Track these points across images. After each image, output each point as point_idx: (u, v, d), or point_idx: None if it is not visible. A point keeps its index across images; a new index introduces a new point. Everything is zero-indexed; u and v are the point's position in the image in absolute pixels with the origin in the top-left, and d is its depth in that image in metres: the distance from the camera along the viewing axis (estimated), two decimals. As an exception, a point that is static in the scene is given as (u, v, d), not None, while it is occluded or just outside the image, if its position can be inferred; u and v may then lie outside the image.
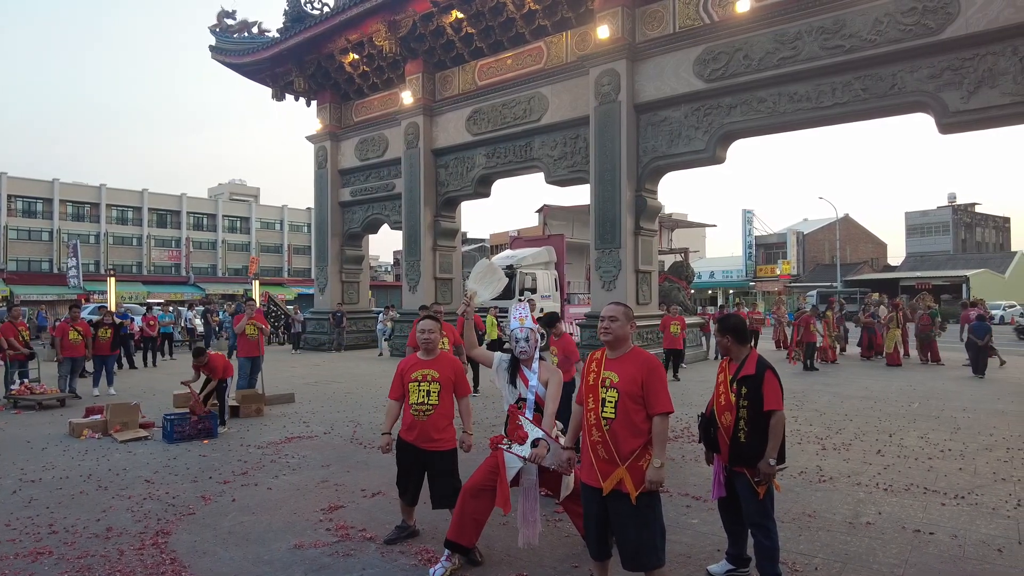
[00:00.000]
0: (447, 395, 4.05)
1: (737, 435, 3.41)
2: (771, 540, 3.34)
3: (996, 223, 62.63)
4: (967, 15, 9.60)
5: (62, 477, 5.83)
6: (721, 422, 3.49)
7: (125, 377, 13.48)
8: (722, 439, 3.49)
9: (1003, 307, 36.16)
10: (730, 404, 3.46)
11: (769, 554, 3.32)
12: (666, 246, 25.52)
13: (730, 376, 3.52)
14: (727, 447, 3.47)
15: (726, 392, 3.50)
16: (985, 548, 4.02)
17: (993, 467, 5.86)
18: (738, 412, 3.42)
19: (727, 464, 3.52)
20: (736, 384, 3.46)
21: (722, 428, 3.48)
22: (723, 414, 3.49)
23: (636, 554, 3.06)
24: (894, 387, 10.98)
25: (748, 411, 3.40)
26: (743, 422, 3.40)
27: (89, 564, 3.86)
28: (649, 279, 13.77)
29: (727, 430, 3.46)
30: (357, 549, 4.07)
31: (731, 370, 3.55)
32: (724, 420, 3.48)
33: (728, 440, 3.46)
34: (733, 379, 3.49)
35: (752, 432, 3.38)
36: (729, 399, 3.47)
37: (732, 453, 3.44)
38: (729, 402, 3.47)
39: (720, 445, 3.51)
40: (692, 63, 12.25)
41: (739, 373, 3.48)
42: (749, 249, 50.95)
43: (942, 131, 10.32)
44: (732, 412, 3.45)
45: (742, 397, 3.42)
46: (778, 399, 3.40)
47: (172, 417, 7.42)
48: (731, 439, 3.44)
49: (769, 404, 3.39)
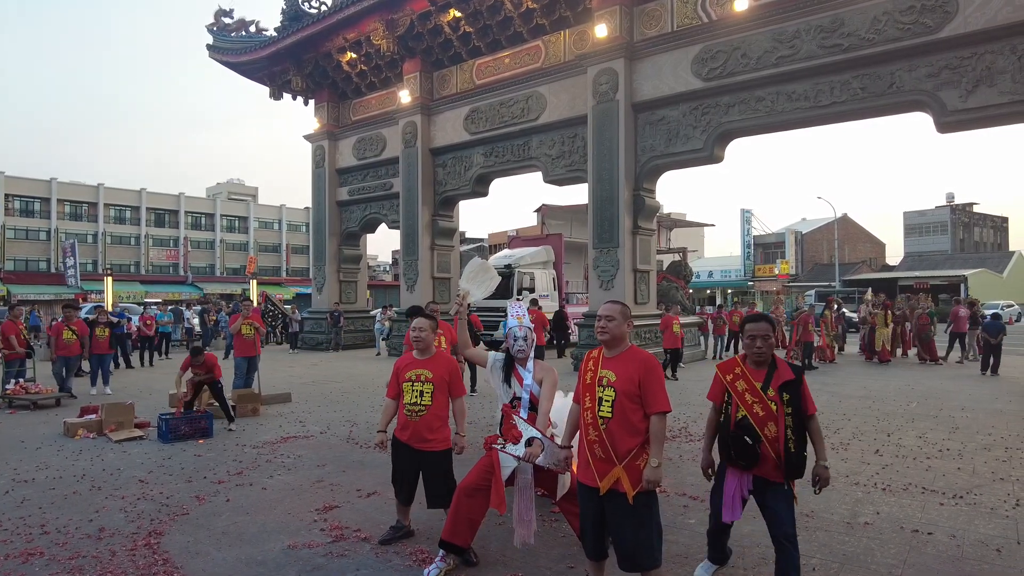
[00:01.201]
0: (441, 395, 4.01)
1: (788, 446, 3.12)
2: (798, 549, 3.17)
3: (994, 223, 62.75)
4: (965, 14, 9.58)
5: (55, 477, 5.79)
6: (765, 435, 3.13)
7: (121, 376, 13.43)
8: (767, 452, 3.13)
9: (1001, 307, 36.16)
10: (771, 413, 3.14)
11: (797, 563, 3.13)
12: (664, 246, 25.52)
13: (759, 383, 3.19)
14: (775, 461, 3.13)
15: (761, 400, 3.16)
16: (984, 548, 3.99)
17: (992, 467, 5.84)
18: (786, 422, 3.14)
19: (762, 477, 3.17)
20: (776, 391, 3.16)
21: (767, 441, 3.13)
22: (766, 425, 3.14)
23: (633, 554, 3.04)
24: (892, 387, 10.97)
25: (794, 419, 3.14)
26: (790, 431, 3.13)
27: (80, 565, 3.83)
28: (647, 278, 13.75)
29: (774, 442, 3.12)
30: (351, 550, 4.04)
31: (757, 376, 3.21)
32: (768, 432, 3.13)
33: (780, 453, 3.12)
34: (766, 385, 3.18)
35: (798, 440, 3.15)
36: (768, 408, 3.15)
37: (787, 467, 3.12)
38: (770, 411, 3.14)
39: (765, 460, 3.14)
40: (690, 62, 12.22)
41: (774, 379, 3.19)
42: (747, 249, 50.98)
43: (940, 130, 10.30)
44: (777, 422, 3.14)
45: (786, 404, 3.15)
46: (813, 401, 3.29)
47: (167, 417, 7.39)
48: (784, 452, 3.12)
49: (812, 408, 3.22)
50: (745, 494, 3.24)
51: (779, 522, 3.14)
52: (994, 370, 12.42)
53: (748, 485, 3.22)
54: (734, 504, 3.26)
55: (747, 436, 3.15)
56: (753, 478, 3.20)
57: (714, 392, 3.42)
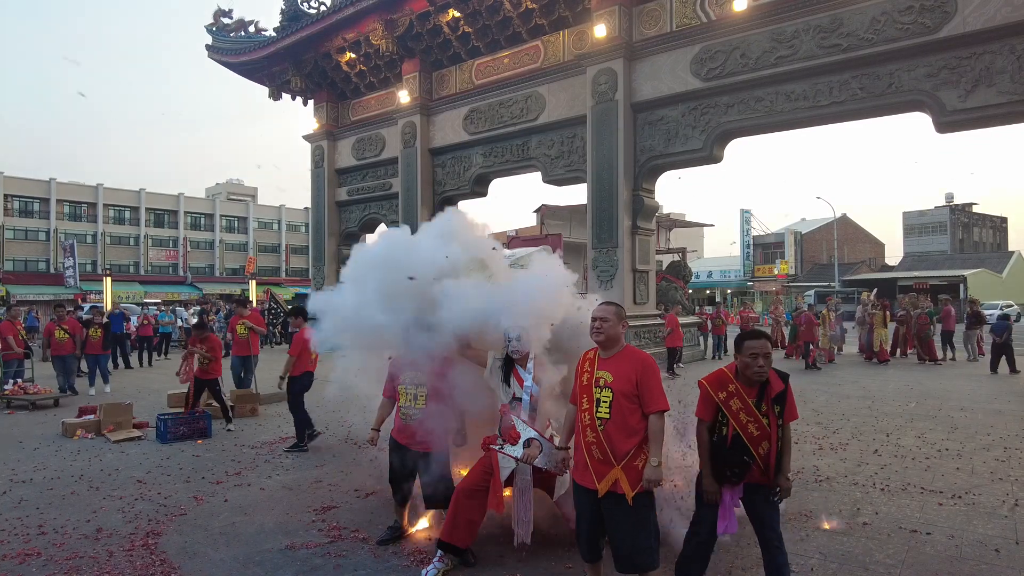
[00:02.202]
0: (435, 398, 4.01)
1: (773, 458, 3.08)
2: (785, 548, 3.14)
3: (993, 223, 62.75)
4: (964, 14, 9.58)
5: (53, 477, 5.79)
6: (758, 452, 3.03)
7: (120, 377, 13.42)
8: (759, 469, 3.06)
9: (1000, 307, 36.17)
10: (764, 431, 3.04)
11: (786, 561, 3.11)
12: (664, 246, 25.51)
13: (753, 400, 3.06)
14: (761, 468, 3.06)
15: (756, 420, 3.05)
16: (982, 548, 3.99)
17: (991, 467, 5.84)
18: (777, 434, 3.06)
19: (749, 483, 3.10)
20: (768, 404, 3.07)
21: (759, 459, 3.04)
22: (760, 444, 3.04)
23: (631, 556, 3.03)
24: (892, 387, 10.97)
25: (780, 430, 3.07)
26: (779, 443, 3.07)
27: (78, 566, 3.82)
28: (646, 278, 13.73)
29: (765, 458, 3.05)
30: (349, 550, 4.03)
31: (750, 393, 3.07)
32: (761, 450, 3.04)
33: (771, 467, 3.06)
34: (759, 402, 3.06)
35: (780, 449, 3.09)
36: (762, 426, 3.04)
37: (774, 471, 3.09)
38: (763, 429, 3.04)
39: (755, 475, 3.07)
40: (689, 62, 12.21)
41: (767, 392, 3.07)
42: (747, 249, 50.97)
43: (939, 130, 10.30)
44: (770, 439, 3.05)
45: (777, 416, 3.06)
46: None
47: (166, 417, 7.38)
48: (775, 466, 3.07)
49: (794, 415, 3.14)
50: (737, 503, 3.15)
51: (766, 523, 3.10)
52: (1012, 368, 12.46)
53: (739, 493, 3.13)
54: (730, 516, 3.14)
55: (745, 456, 3.03)
56: (744, 485, 3.12)
57: (704, 410, 3.18)
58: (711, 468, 3.12)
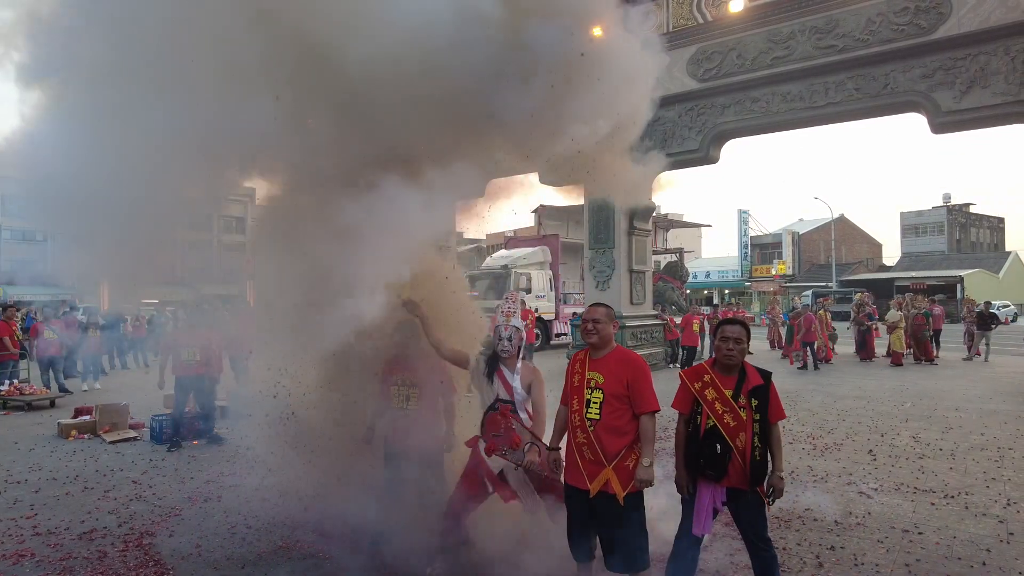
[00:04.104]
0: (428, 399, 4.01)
1: (754, 455, 3.02)
2: (773, 550, 3.16)
3: (991, 223, 62.81)
4: (959, 15, 9.61)
5: (48, 478, 5.78)
6: (735, 445, 3.02)
7: (116, 377, 13.42)
8: (736, 463, 3.03)
9: (997, 307, 36.23)
10: (741, 422, 3.03)
11: (773, 563, 3.12)
12: (661, 246, 25.55)
13: (729, 391, 3.07)
14: (741, 470, 3.03)
15: (732, 410, 3.04)
16: (973, 548, 4.01)
17: (984, 467, 5.86)
18: (753, 429, 3.04)
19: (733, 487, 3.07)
20: (746, 398, 3.06)
21: (736, 451, 3.02)
22: (737, 436, 3.02)
23: (622, 556, 3.04)
24: (887, 387, 10.99)
25: (760, 425, 3.05)
26: (757, 438, 3.04)
27: (71, 566, 3.82)
28: (643, 279, 13.76)
29: (743, 452, 3.02)
30: (345, 550, 4.03)
31: (727, 384, 3.09)
32: (739, 442, 3.02)
33: (747, 462, 3.02)
34: (736, 393, 3.06)
35: (764, 447, 3.06)
36: (739, 416, 3.04)
37: (752, 475, 3.03)
38: (740, 420, 3.03)
39: (732, 470, 3.04)
40: (686, 63, 12.23)
41: (744, 385, 3.08)
42: (744, 249, 50.99)
43: (935, 131, 10.32)
44: (746, 430, 3.03)
45: (754, 411, 3.05)
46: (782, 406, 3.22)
47: (161, 418, 7.36)
48: (751, 461, 3.02)
49: (780, 414, 3.14)
50: (719, 506, 3.11)
51: (751, 527, 3.10)
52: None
53: (721, 497, 3.10)
54: (706, 517, 3.10)
55: (717, 443, 3.03)
56: (726, 490, 3.09)
57: (681, 400, 3.20)
58: (683, 458, 3.17)
